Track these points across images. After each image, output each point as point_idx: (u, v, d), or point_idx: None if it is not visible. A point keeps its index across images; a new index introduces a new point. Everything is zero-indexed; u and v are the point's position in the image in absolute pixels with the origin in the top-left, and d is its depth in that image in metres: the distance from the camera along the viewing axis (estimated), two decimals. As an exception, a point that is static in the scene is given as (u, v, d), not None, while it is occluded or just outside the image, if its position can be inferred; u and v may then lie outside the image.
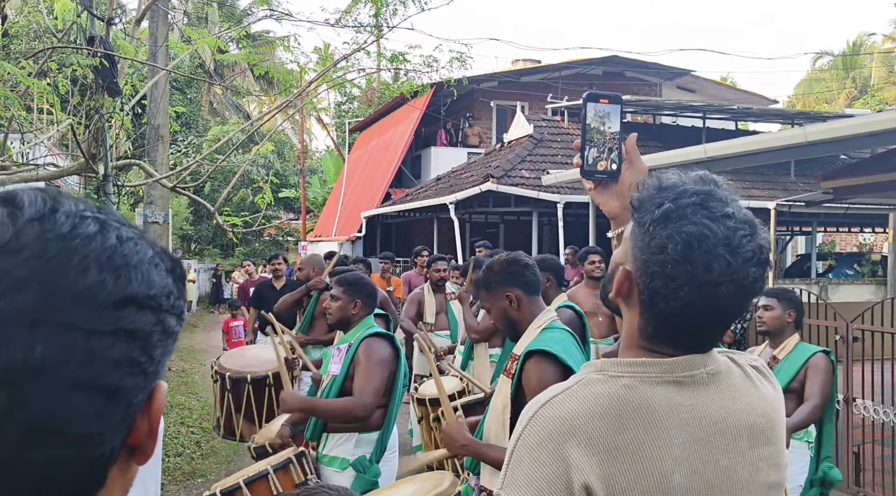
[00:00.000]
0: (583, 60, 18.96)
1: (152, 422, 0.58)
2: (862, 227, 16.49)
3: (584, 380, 1.08)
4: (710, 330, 1.08)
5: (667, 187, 1.06)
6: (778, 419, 1.14)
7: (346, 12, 7.07)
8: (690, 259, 1.01)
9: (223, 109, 29.87)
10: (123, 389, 0.54)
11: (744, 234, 1.03)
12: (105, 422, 0.53)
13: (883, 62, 32.81)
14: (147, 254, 0.58)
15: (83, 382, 0.51)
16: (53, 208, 0.54)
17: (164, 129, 7.61)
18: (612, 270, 1.15)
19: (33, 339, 0.50)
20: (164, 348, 0.58)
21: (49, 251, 0.52)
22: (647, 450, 1.01)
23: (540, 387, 2.26)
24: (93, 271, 0.53)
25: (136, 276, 0.56)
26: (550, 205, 12.62)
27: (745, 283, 1.03)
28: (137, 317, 0.55)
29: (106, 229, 0.56)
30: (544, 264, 4.27)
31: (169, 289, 0.59)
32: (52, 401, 0.50)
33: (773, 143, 6.16)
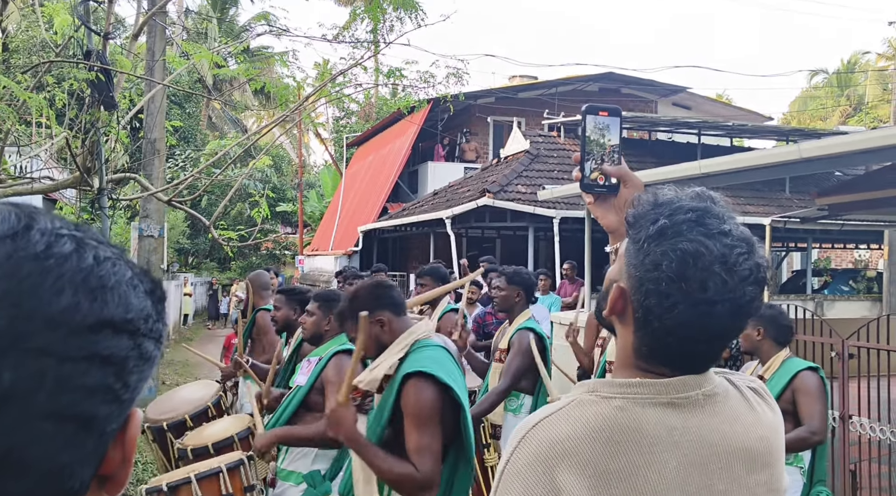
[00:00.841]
0: (579, 77, 19.07)
1: (126, 451, 0.55)
2: (857, 244, 16.55)
3: (576, 401, 1.05)
4: (705, 349, 1.05)
5: (663, 203, 1.04)
6: (776, 443, 1.10)
7: (344, 28, 7.12)
8: (685, 277, 0.98)
9: (221, 124, 29.95)
10: (97, 418, 0.51)
11: (740, 252, 1.00)
12: (76, 452, 0.50)
13: (877, 80, 33.05)
14: (125, 276, 0.55)
15: (54, 411, 0.48)
16: (28, 225, 0.52)
17: (160, 142, 7.62)
18: (606, 287, 1.12)
19: (1, 366, 0.47)
20: (140, 374, 0.55)
21: (21, 271, 0.49)
22: (639, 475, 0.98)
23: (417, 410, 2.27)
24: (67, 293, 0.50)
25: (113, 299, 0.53)
26: (546, 220, 12.64)
27: (741, 303, 1.00)
28: (113, 341, 0.52)
29: (82, 248, 0.53)
30: (515, 279, 4.26)
31: (147, 312, 0.56)
32: (21, 432, 0.47)
33: (767, 159, 6.19)
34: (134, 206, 11.43)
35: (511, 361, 4.01)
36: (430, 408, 2.29)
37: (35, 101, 4.87)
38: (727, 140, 18.04)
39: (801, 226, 11.89)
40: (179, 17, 24.08)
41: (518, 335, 4.08)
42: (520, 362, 3.99)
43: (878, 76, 32.95)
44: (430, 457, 2.24)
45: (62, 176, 7.89)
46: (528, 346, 4.01)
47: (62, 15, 6.04)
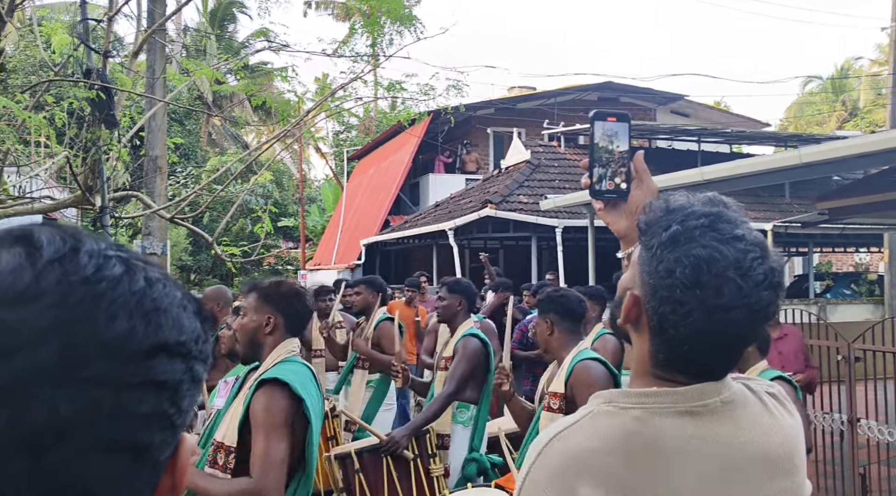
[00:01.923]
0: (578, 86, 19.14)
1: (177, 479, 0.53)
2: (857, 247, 16.53)
3: (594, 413, 1.03)
4: (722, 356, 1.03)
5: (674, 209, 1.03)
6: (797, 449, 1.08)
7: (344, 43, 7.14)
8: (700, 283, 0.97)
9: (222, 140, 30.02)
10: (152, 446, 0.49)
11: (755, 257, 0.99)
12: (132, 483, 0.48)
13: (871, 86, 33.14)
14: (176, 297, 0.53)
15: (111, 442, 0.47)
16: (74, 247, 0.49)
17: (161, 160, 7.64)
18: (619, 296, 1.11)
19: (56, 398, 0.45)
20: (191, 398, 0.53)
21: (73, 297, 0.47)
22: (660, 486, 0.97)
23: (264, 415, 2.22)
24: (122, 318, 0.48)
25: (167, 322, 0.51)
26: (549, 229, 12.64)
27: (756, 308, 0.99)
28: (168, 366, 0.50)
29: (133, 270, 0.51)
30: (456, 287, 4.26)
31: (198, 333, 0.54)
32: (78, 466, 0.45)
33: (768, 165, 6.19)
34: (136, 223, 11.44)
35: (456, 366, 4.00)
36: (280, 416, 2.22)
37: (35, 120, 4.89)
38: (726, 147, 18.07)
39: (803, 230, 11.89)
40: (178, 34, 24.22)
41: (463, 341, 4.08)
42: (464, 367, 3.98)
43: (871, 82, 33.03)
44: (272, 468, 2.17)
45: (62, 195, 7.91)
46: (472, 351, 4.01)
47: (60, 34, 6.08)
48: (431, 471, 3.81)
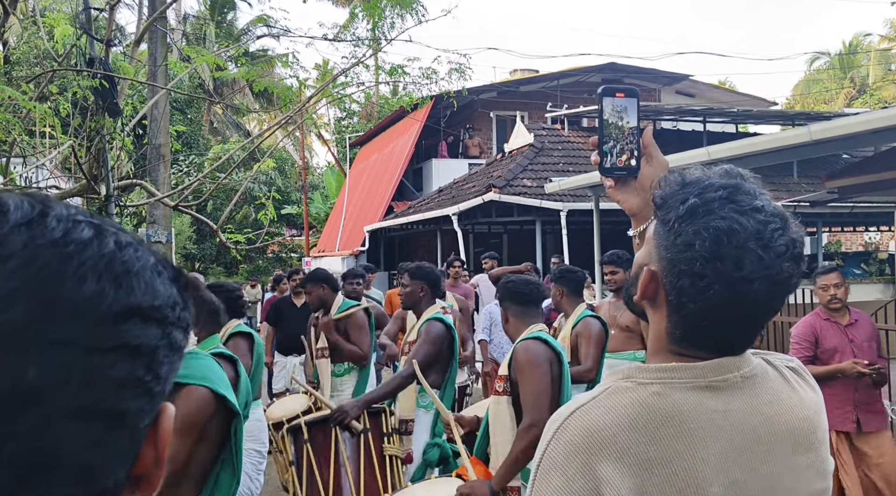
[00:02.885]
0: (581, 68, 19.01)
1: (159, 449, 0.52)
2: (867, 226, 16.45)
3: (612, 389, 1.01)
4: (742, 330, 1.01)
5: (691, 182, 1.01)
6: (819, 422, 1.07)
7: (344, 27, 7.09)
8: (720, 255, 0.95)
9: (224, 128, 29.97)
10: (128, 413, 0.48)
11: (775, 228, 0.97)
12: (108, 451, 0.47)
13: (880, 61, 32.87)
14: (149, 261, 0.52)
15: (83, 407, 0.45)
16: (42, 212, 0.48)
17: (165, 148, 7.61)
18: (635, 272, 1.09)
19: (25, 361, 0.43)
20: (170, 365, 0.52)
21: (40, 259, 0.46)
22: (681, 462, 0.95)
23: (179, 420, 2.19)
24: (90, 280, 0.47)
25: (139, 285, 0.50)
26: (553, 213, 12.60)
27: (778, 279, 0.97)
28: (141, 330, 0.49)
29: (102, 234, 0.50)
30: (418, 273, 4.23)
31: (174, 299, 0.53)
32: (49, 431, 0.44)
33: (777, 143, 6.13)
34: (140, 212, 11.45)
35: (418, 348, 3.97)
36: (191, 420, 2.25)
37: (40, 110, 4.87)
38: (732, 126, 17.96)
39: (811, 210, 11.84)
40: (178, 22, 24.11)
41: (426, 325, 4.06)
42: (426, 350, 3.95)
43: (880, 57, 32.76)
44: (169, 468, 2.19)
45: (67, 185, 7.90)
46: (435, 335, 3.99)
47: (63, 25, 6.04)
48: (385, 450, 3.76)
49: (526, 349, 3.04)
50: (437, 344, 3.99)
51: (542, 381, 2.97)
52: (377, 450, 3.74)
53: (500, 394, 3.10)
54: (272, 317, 7.45)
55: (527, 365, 2.99)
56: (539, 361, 3.00)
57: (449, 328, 4.06)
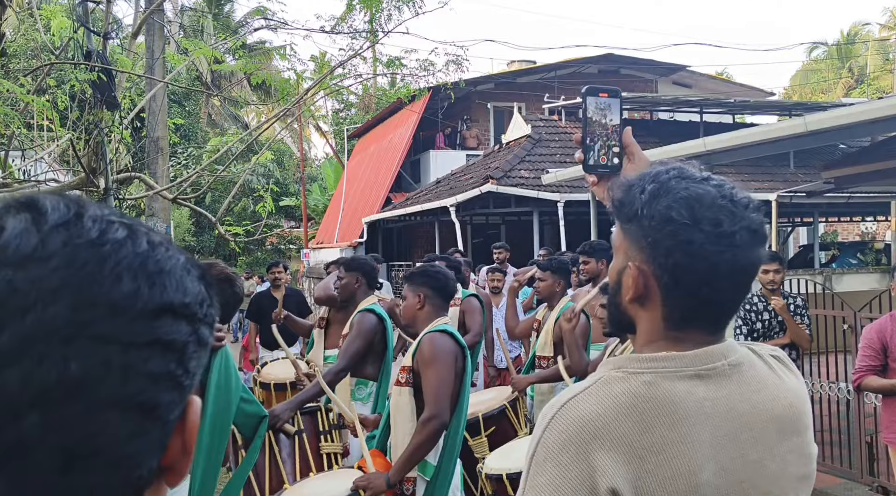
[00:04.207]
0: (578, 59, 18.99)
1: (186, 440, 0.55)
2: (863, 216, 16.47)
3: (604, 379, 1.04)
4: (735, 294, 1.06)
5: (639, 177, 1.08)
6: (804, 409, 1.11)
7: (342, 19, 7.07)
8: (698, 218, 1.01)
9: (222, 121, 29.90)
10: (160, 406, 0.51)
11: (730, 188, 1.05)
12: (142, 441, 0.50)
13: (878, 51, 32.81)
14: (179, 260, 0.55)
15: (121, 400, 0.48)
16: (78, 213, 0.51)
17: (163, 141, 7.62)
18: (614, 281, 1.11)
19: (67, 356, 0.46)
20: (198, 360, 0.54)
21: (79, 259, 0.48)
22: (673, 449, 0.98)
23: None
24: (126, 279, 0.49)
25: (171, 283, 0.52)
26: (551, 204, 12.62)
27: (754, 227, 1.03)
28: (174, 326, 0.51)
29: (135, 234, 0.52)
30: (353, 265, 4.22)
31: (202, 296, 0.55)
32: (89, 423, 0.47)
33: (773, 133, 6.15)
34: (139, 205, 11.45)
35: (349, 343, 3.94)
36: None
37: (38, 103, 4.87)
38: (729, 117, 17.96)
39: (808, 200, 11.85)
40: (176, 14, 24.01)
41: (358, 317, 4.02)
42: (358, 344, 3.92)
43: (879, 47, 32.71)
44: None
45: (66, 178, 7.91)
46: (367, 328, 3.95)
47: (60, 18, 6.02)
48: (322, 449, 3.71)
49: (432, 341, 3.02)
50: (367, 337, 3.95)
51: (446, 375, 2.96)
52: (313, 450, 3.68)
53: (403, 385, 3.08)
54: (253, 313, 7.23)
55: (431, 357, 2.98)
56: (444, 354, 2.99)
57: (381, 319, 4.01)
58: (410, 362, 3.08)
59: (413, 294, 3.19)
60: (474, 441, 3.93)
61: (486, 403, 4.11)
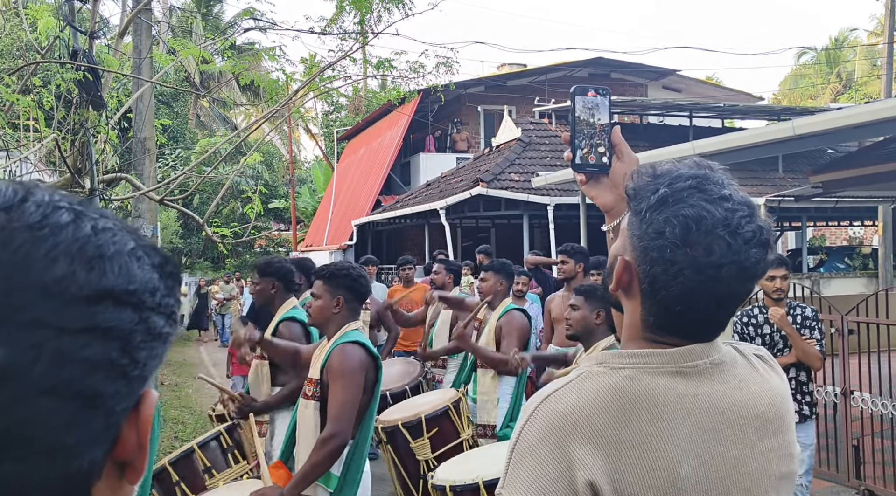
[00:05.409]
0: (568, 63, 19.03)
1: (140, 434, 0.53)
2: (851, 221, 16.58)
3: (585, 374, 1.04)
4: (713, 316, 1.05)
5: (661, 174, 1.05)
6: (786, 408, 1.11)
7: (332, 21, 7.04)
8: (689, 242, 0.98)
9: (210, 122, 29.79)
10: (102, 395, 0.49)
11: (743, 215, 1.00)
12: (82, 431, 0.48)
13: (866, 57, 33.09)
14: (126, 246, 0.52)
15: (54, 387, 0.46)
16: (24, 198, 0.50)
17: (150, 141, 7.56)
18: (610, 263, 1.13)
19: None
20: (150, 351, 0.52)
21: (14, 241, 0.47)
22: (652, 443, 0.98)
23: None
24: (62, 262, 0.48)
25: (112, 269, 0.50)
26: (541, 207, 12.63)
27: (746, 265, 1.00)
28: (114, 313, 0.50)
29: (80, 219, 0.51)
30: (268, 269, 4.12)
31: (153, 284, 0.53)
32: (20, 409, 0.45)
33: (762, 137, 6.18)
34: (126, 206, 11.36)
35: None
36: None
37: (23, 103, 4.82)
38: (718, 121, 18.06)
39: (796, 204, 11.91)
40: (164, 14, 23.91)
41: (285, 327, 3.94)
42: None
43: (866, 53, 32.98)
44: None
45: (52, 179, 7.84)
46: (293, 336, 3.88)
47: (46, 17, 5.97)
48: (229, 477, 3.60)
49: (343, 354, 2.90)
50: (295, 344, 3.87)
51: (353, 391, 2.86)
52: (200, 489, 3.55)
53: (309, 399, 2.98)
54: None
55: (340, 371, 2.86)
56: (354, 369, 2.88)
57: (304, 326, 3.92)
58: (318, 374, 2.96)
59: (330, 295, 3.03)
60: (416, 443, 3.93)
61: (429, 405, 4.10)
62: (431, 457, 3.85)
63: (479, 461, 3.28)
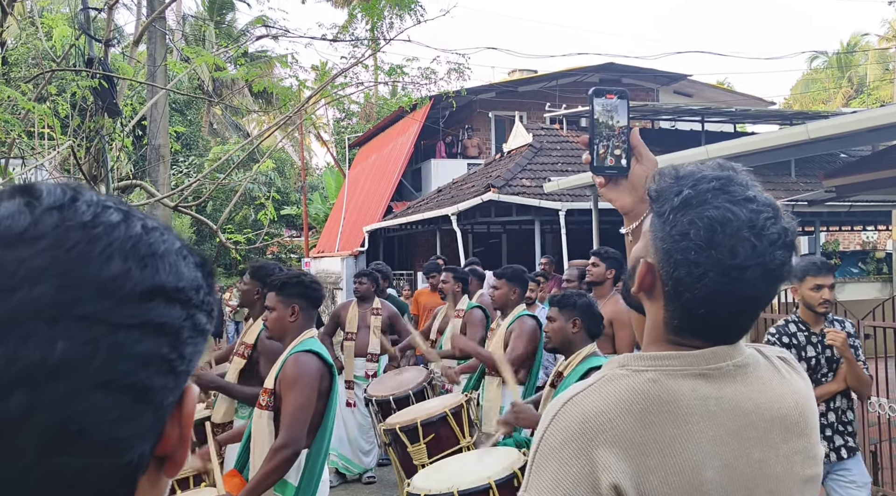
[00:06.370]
0: (579, 68, 19.01)
1: (183, 429, 0.54)
2: (864, 226, 16.45)
3: (607, 376, 1.04)
4: (737, 319, 1.04)
5: (685, 175, 1.04)
6: (810, 410, 1.10)
7: (344, 28, 7.10)
8: (714, 244, 0.98)
9: (223, 129, 29.97)
10: (152, 389, 0.50)
11: (767, 217, 1.00)
12: (133, 425, 0.49)
13: (878, 61, 32.90)
14: (174, 245, 0.55)
15: (109, 381, 0.48)
16: (73, 198, 0.52)
17: (164, 149, 7.62)
18: (632, 265, 1.12)
19: (53, 335, 0.46)
20: (194, 347, 0.54)
21: (69, 240, 0.49)
22: (676, 445, 0.97)
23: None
24: (116, 260, 0.49)
25: (164, 267, 0.52)
26: (552, 213, 12.61)
27: (771, 267, 1.00)
28: (166, 310, 0.51)
29: (130, 219, 0.53)
30: (257, 274, 4.06)
31: (199, 282, 0.55)
32: (76, 403, 0.46)
33: (775, 141, 6.15)
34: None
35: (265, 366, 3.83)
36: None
37: (39, 110, 4.87)
38: (730, 126, 17.98)
39: (809, 209, 11.84)
40: (177, 23, 24.11)
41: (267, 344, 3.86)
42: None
43: (878, 57, 32.79)
44: None
45: (68, 186, 7.90)
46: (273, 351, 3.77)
47: (61, 26, 6.03)
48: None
49: (297, 363, 2.89)
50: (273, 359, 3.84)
51: (306, 400, 2.84)
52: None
53: (263, 409, 2.97)
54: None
55: (294, 380, 2.85)
56: (308, 379, 2.86)
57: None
58: (272, 385, 2.95)
59: (284, 305, 3.01)
60: (413, 447, 3.93)
61: (428, 410, 4.10)
62: (428, 463, 3.85)
63: (456, 470, 3.28)
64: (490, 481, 2.96)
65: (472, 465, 3.25)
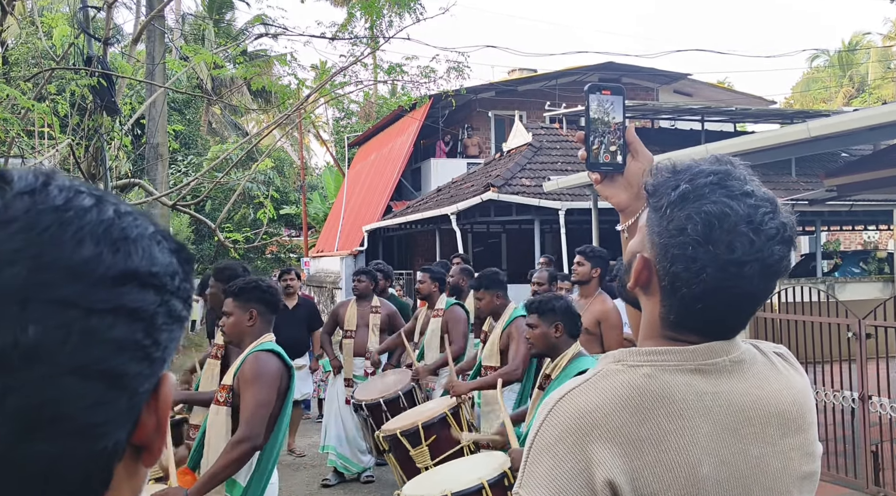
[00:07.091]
0: (579, 68, 19.00)
1: (160, 417, 0.54)
2: (866, 225, 16.45)
3: (603, 372, 1.03)
4: (735, 314, 1.03)
5: (682, 169, 1.03)
6: (808, 407, 1.09)
7: (343, 26, 7.08)
8: (712, 239, 0.97)
9: (222, 129, 29.93)
10: (127, 375, 0.50)
11: (766, 212, 0.99)
12: (108, 411, 0.49)
13: (879, 60, 32.90)
14: (148, 230, 0.54)
15: (82, 366, 0.47)
16: (45, 182, 0.51)
17: (163, 147, 7.61)
18: (628, 261, 1.11)
19: (25, 319, 0.46)
20: (170, 333, 0.53)
21: (41, 223, 0.48)
22: (672, 441, 0.96)
23: None
24: (88, 244, 0.49)
25: (137, 251, 0.52)
26: (552, 212, 12.59)
27: (769, 262, 0.98)
28: (139, 295, 0.51)
29: (102, 203, 0.52)
30: (222, 275, 4.09)
31: (174, 268, 0.54)
32: (49, 388, 0.46)
33: (776, 139, 6.13)
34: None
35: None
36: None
37: (39, 109, 4.86)
38: (730, 125, 17.96)
39: (809, 208, 11.84)
40: (176, 22, 24.09)
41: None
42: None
43: (880, 55, 32.80)
44: None
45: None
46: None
47: (61, 25, 6.02)
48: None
49: (257, 360, 2.94)
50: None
51: (265, 396, 2.89)
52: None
53: (220, 405, 3.01)
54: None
55: (253, 377, 2.90)
56: (268, 376, 2.92)
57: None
58: (231, 381, 2.99)
59: (242, 310, 3.06)
60: (415, 451, 3.94)
61: (427, 413, 4.10)
62: (431, 465, 3.87)
63: (447, 475, 3.31)
64: (482, 481, 2.99)
65: (463, 469, 3.28)
